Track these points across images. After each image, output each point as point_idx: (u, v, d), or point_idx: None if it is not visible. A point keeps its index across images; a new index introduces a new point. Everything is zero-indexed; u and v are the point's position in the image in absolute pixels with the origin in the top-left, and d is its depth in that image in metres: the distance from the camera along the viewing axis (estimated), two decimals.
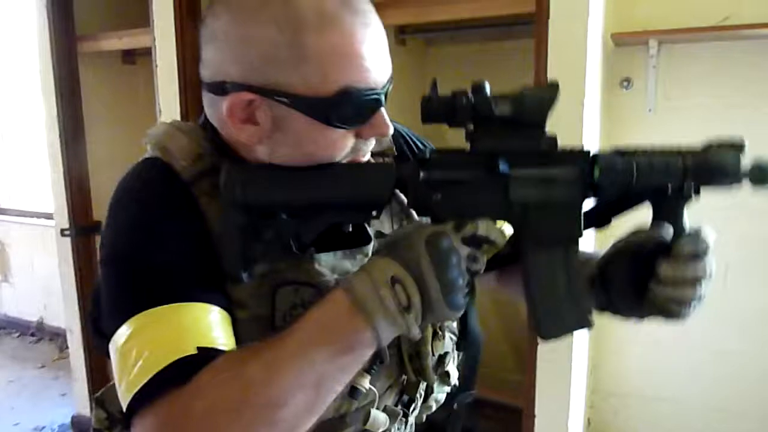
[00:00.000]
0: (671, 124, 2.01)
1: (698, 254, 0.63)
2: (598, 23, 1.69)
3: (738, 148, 0.65)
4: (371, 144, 0.69)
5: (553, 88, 0.63)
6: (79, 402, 2.64)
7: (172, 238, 0.62)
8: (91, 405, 2.52)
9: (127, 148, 2.67)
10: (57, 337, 3.83)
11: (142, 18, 2.23)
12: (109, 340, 0.60)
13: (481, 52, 2.37)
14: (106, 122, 2.63)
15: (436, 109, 0.62)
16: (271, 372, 0.54)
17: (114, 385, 0.68)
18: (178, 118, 2.03)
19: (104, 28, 2.47)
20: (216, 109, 0.66)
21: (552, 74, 1.53)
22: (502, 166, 0.63)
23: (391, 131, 0.68)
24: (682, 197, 0.65)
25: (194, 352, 0.55)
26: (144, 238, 0.62)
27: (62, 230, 2.48)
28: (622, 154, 0.66)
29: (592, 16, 1.52)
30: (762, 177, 0.64)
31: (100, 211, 2.56)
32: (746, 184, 0.65)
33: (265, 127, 0.63)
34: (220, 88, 0.62)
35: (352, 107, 0.62)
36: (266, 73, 0.60)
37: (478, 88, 0.62)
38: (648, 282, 0.67)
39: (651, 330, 2.13)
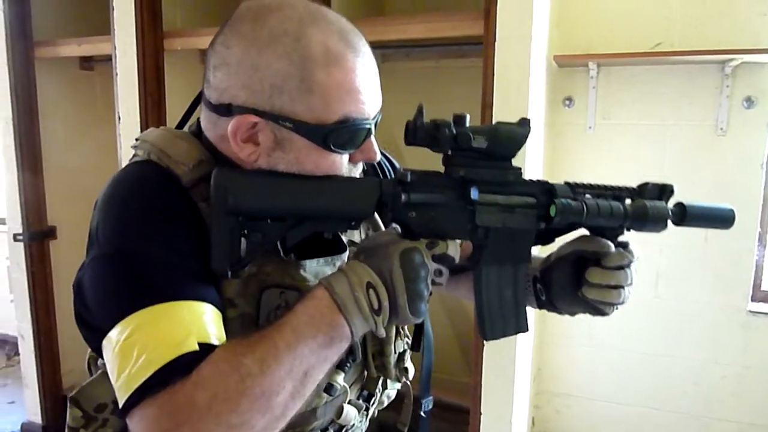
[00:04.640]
0: (608, 142, 2.16)
1: (623, 266, 0.75)
2: (542, 46, 1.81)
3: (668, 193, 0.78)
4: (360, 168, 0.77)
5: (525, 126, 0.73)
6: (30, 409, 2.60)
7: (174, 238, 0.66)
8: (43, 411, 2.45)
9: (84, 153, 2.66)
10: (4, 344, 3.75)
11: (101, 25, 2.25)
12: (103, 336, 0.62)
13: (435, 69, 2.47)
14: (62, 127, 2.62)
15: (421, 137, 0.70)
16: (265, 364, 0.59)
17: (90, 383, 0.73)
18: (138, 126, 2.06)
19: (61, 34, 2.46)
20: (219, 127, 0.72)
21: (498, 92, 1.64)
22: (473, 194, 0.72)
23: (379, 158, 0.76)
24: (617, 233, 0.77)
25: (196, 348, 0.59)
26: (147, 236, 0.65)
27: (15, 235, 2.45)
28: (574, 189, 0.77)
29: (535, 40, 1.63)
30: (681, 219, 0.78)
31: (55, 216, 2.55)
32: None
33: (265, 147, 0.70)
34: (227, 110, 0.68)
35: (348, 134, 0.69)
36: (273, 99, 0.66)
37: (459, 121, 0.71)
38: (580, 284, 0.78)
39: (591, 335, 2.26)
